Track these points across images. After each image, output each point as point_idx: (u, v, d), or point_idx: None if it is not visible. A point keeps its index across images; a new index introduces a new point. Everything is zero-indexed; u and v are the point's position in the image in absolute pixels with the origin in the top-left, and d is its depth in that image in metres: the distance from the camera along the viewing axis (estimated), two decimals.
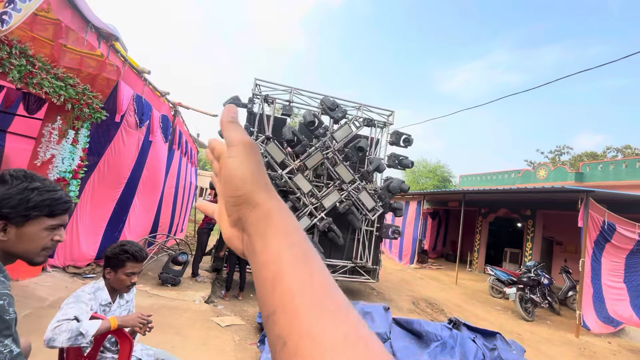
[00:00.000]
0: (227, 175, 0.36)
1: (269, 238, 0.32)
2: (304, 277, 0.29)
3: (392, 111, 7.26)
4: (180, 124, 8.01)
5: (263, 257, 0.31)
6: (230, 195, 0.36)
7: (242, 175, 0.35)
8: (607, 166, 12.65)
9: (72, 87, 3.93)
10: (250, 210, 0.34)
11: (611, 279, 7.05)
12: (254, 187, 0.35)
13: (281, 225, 0.33)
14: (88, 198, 4.91)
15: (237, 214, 0.36)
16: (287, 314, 0.27)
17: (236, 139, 0.36)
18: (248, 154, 0.36)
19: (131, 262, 1.85)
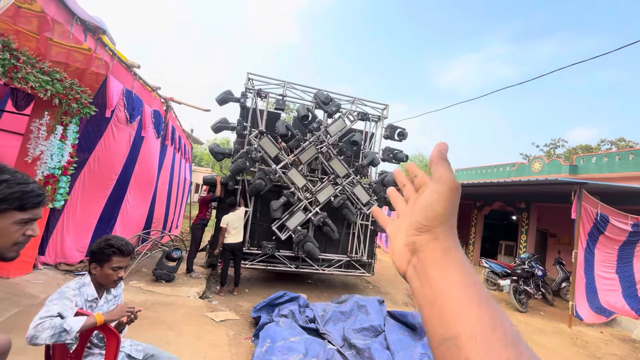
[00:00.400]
0: (425, 204, 0.39)
1: (449, 271, 0.35)
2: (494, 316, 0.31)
3: (387, 105, 7.23)
4: (173, 119, 7.93)
5: (440, 287, 0.34)
6: (419, 221, 0.39)
7: (438, 211, 0.38)
8: (600, 159, 12.74)
9: (59, 82, 3.86)
10: (430, 240, 0.38)
11: (604, 269, 7.12)
12: (443, 224, 0.38)
13: (461, 264, 0.36)
14: (78, 195, 4.86)
15: (415, 238, 0.39)
16: (477, 341, 0.29)
17: (446, 178, 0.39)
18: (451, 195, 0.39)
19: (117, 257, 1.80)
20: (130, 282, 5.13)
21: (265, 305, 4.41)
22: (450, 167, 0.41)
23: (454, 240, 0.38)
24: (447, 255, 0.36)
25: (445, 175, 0.39)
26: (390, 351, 3.43)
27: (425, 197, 0.40)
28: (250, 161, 5.86)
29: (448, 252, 0.37)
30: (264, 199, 6.28)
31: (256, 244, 6.27)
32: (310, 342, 3.59)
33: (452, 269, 0.35)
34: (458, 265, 0.36)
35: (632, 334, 6.31)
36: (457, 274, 0.35)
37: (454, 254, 0.37)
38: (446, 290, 0.34)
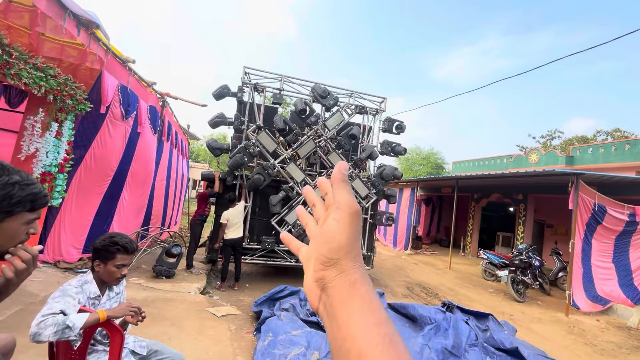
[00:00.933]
0: (327, 236, 0.38)
1: (354, 310, 0.33)
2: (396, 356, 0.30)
3: (384, 98, 7.20)
4: (169, 114, 7.86)
5: (347, 330, 0.33)
6: (324, 255, 0.37)
7: (340, 242, 0.37)
8: (596, 149, 12.81)
9: (53, 78, 3.79)
10: (336, 275, 0.36)
11: (600, 259, 7.21)
12: (347, 254, 0.37)
13: (367, 299, 0.34)
14: (74, 192, 4.81)
15: (322, 273, 0.37)
16: None
17: (345, 203, 0.38)
18: (352, 221, 0.37)
19: (121, 254, 1.81)
20: (130, 278, 5.12)
21: (266, 299, 4.43)
22: (350, 189, 0.40)
23: (360, 271, 0.37)
24: (353, 290, 0.35)
25: (345, 200, 0.38)
26: None
27: (328, 227, 0.38)
28: (248, 156, 5.83)
29: (354, 287, 0.35)
30: (263, 194, 6.27)
31: (256, 239, 6.28)
32: (312, 335, 3.62)
33: (357, 309, 0.33)
34: (364, 303, 0.34)
35: (628, 321, 6.42)
36: (362, 315, 0.33)
37: (359, 288, 0.35)
38: (351, 335, 0.32)
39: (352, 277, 0.36)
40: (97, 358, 1.83)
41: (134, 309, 1.78)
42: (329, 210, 0.40)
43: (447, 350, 3.29)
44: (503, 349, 3.36)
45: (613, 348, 5.06)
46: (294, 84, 6.69)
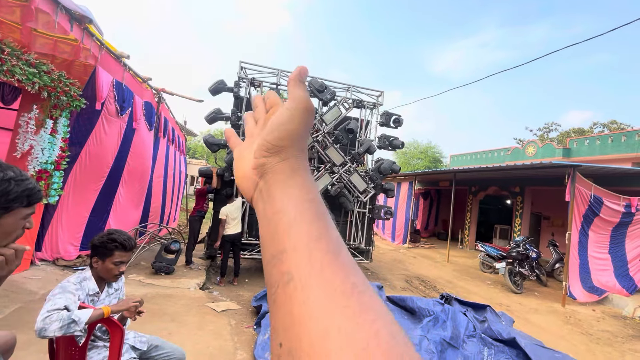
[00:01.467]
0: (276, 123, 0.37)
1: (291, 189, 0.33)
2: (321, 228, 0.30)
3: (382, 91, 7.17)
4: (165, 110, 7.81)
5: (280, 203, 0.33)
6: (269, 141, 0.36)
7: (290, 130, 0.36)
8: (593, 141, 12.85)
9: (46, 74, 3.75)
10: (279, 161, 0.36)
11: (597, 250, 7.28)
12: (294, 144, 0.36)
13: (305, 182, 0.35)
14: (71, 189, 4.79)
15: (264, 160, 0.36)
16: (298, 252, 0.28)
17: (301, 97, 0.38)
18: (305, 115, 0.37)
19: (119, 251, 1.81)
20: (129, 275, 5.13)
21: (265, 294, 4.44)
22: (306, 89, 0.40)
23: (304, 162, 0.37)
24: (294, 175, 0.35)
25: (301, 95, 0.38)
26: None
27: (277, 117, 0.38)
28: None
29: (296, 173, 0.35)
30: None
31: (254, 234, 6.28)
32: None
33: (295, 188, 0.34)
34: (302, 184, 0.34)
35: (623, 311, 6.50)
36: (298, 191, 0.33)
37: (301, 174, 0.35)
38: (284, 208, 0.32)
39: (295, 165, 0.36)
40: (98, 354, 1.84)
41: (135, 302, 1.79)
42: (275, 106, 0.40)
43: (446, 342, 3.32)
44: (501, 339, 3.40)
45: (609, 337, 5.13)
46: None
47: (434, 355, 3.13)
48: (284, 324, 0.26)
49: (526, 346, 3.14)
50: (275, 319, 0.28)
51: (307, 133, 0.38)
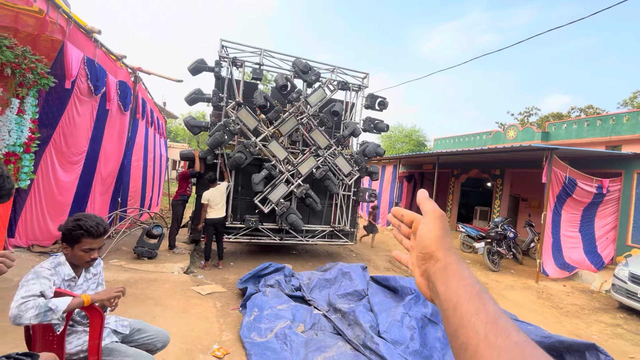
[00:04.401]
0: (420, 237, 0.49)
1: (449, 282, 0.43)
2: (478, 305, 0.38)
3: (367, 73, 7.09)
4: (143, 91, 7.48)
5: (445, 295, 0.42)
6: (420, 251, 0.49)
7: (431, 238, 0.48)
8: (570, 125, 13.25)
9: (8, 49, 3.49)
10: (434, 264, 0.46)
11: (569, 229, 7.64)
12: (438, 247, 0.47)
13: (458, 272, 0.43)
14: (48, 174, 4.58)
15: (424, 266, 0.48)
16: (466, 328, 0.37)
17: (432, 210, 0.50)
18: (438, 222, 0.49)
19: (87, 238, 1.69)
20: (110, 260, 5.03)
21: (251, 276, 4.46)
22: (433, 202, 0.51)
23: (452, 257, 0.46)
24: (447, 270, 0.44)
25: (431, 208, 0.50)
26: (373, 312, 3.60)
27: (419, 232, 0.49)
28: (228, 134, 5.67)
29: (448, 268, 0.44)
30: (245, 172, 6.17)
31: (239, 217, 6.24)
32: (297, 308, 3.70)
33: (451, 280, 0.43)
34: (455, 275, 0.43)
35: (591, 285, 6.92)
36: (455, 281, 0.42)
37: (452, 268, 0.44)
38: (448, 297, 0.41)
39: (446, 262, 0.45)
40: (77, 338, 1.80)
41: (118, 292, 1.74)
42: (415, 221, 0.52)
43: (427, 318, 3.45)
44: None
45: (577, 310, 5.47)
46: (274, 59, 6.46)
47: (415, 331, 3.25)
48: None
49: None
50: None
51: (445, 233, 0.48)
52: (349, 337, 3.26)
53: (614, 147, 11.17)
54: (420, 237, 0.49)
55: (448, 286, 0.42)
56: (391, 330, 3.26)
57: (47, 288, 1.57)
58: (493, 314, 0.37)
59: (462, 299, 0.39)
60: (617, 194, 8.19)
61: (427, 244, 0.47)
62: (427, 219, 0.49)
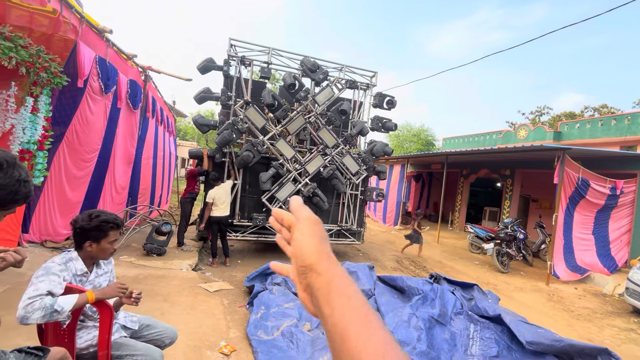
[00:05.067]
0: (297, 248, 0.44)
1: (334, 304, 0.38)
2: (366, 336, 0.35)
3: (375, 72, 7.04)
4: (153, 90, 7.57)
5: (331, 320, 0.38)
6: (300, 265, 0.44)
7: (308, 249, 0.43)
8: (584, 125, 12.97)
9: (23, 49, 3.55)
10: (316, 278, 0.41)
11: (581, 231, 7.49)
12: (318, 258, 0.42)
13: (343, 290, 0.40)
14: (61, 172, 4.67)
15: (305, 282, 0.43)
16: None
17: (305, 216, 0.46)
18: (313, 229, 0.45)
19: (113, 231, 1.82)
20: (120, 257, 5.11)
21: (258, 274, 4.48)
22: (308, 209, 0.48)
23: (333, 270, 0.41)
24: (330, 288, 0.40)
25: (304, 215, 0.46)
26: (380, 312, 3.58)
27: (295, 242, 0.45)
28: (236, 133, 5.70)
29: (330, 285, 0.40)
30: (253, 171, 6.20)
31: (247, 216, 6.27)
32: (303, 307, 3.70)
33: (336, 302, 0.38)
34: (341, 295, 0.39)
35: (604, 289, 6.77)
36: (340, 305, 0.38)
37: (335, 284, 0.40)
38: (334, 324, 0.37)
39: (329, 276, 0.40)
40: (87, 333, 1.83)
41: (123, 288, 1.78)
42: (293, 226, 0.47)
43: (434, 319, 3.42)
44: (486, 316, 3.51)
45: (589, 313, 5.36)
46: (283, 57, 6.46)
47: (422, 332, 3.23)
48: None
49: (510, 322, 3.24)
50: None
51: (323, 241, 0.44)
52: None
53: (629, 147, 10.90)
54: (298, 248, 0.44)
55: (334, 308, 0.38)
56: (398, 331, 3.24)
57: (56, 285, 1.59)
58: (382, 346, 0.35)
59: (350, 328, 0.36)
60: (632, 195, 7.99)
61: (306, 256, 0.43)
62: (303, 226, 0.45)
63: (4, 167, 0.94)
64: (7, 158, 0.96)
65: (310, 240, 0.44)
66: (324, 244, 0.44)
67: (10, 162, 0.97)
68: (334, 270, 0.42)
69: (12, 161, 0.98)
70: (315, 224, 0.45)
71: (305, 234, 0.44)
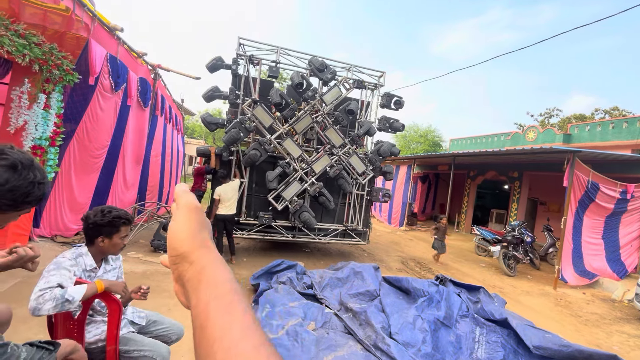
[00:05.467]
0: (170, 236, 0.41)
1: (200, 292, 0.36)
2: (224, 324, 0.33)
3: (383, 72, 7.01)
4: (162, 88, 7.63)
5: (195, 310, 0.36)
6: (170, 255, 0.40)
7: (181, 237, 0.40)
8: (594, 127, 12.75)
9: (37, 46, 3.62)
10: (187, 268, 0.39)
11: (591, 235, 7.37)
12: (191, 246, 0.39)
13: (211, 279, 0.37)
14: (70, 168, 4.74)
15: (177, 272, 0.40)
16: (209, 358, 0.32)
17: (184, 202, 0.43)
18: (189, 216, 0.41)
19: (125, 226, 1.87)
20: (128, 252, 5.17)
21: (263, 273, 4.50)
22: (191, 195, 0.44)
23: (207, 257, 0.39)
24: (201, 276, 0.37)
25: (184, 201, 0.43)
26: (385, 313, 3.57)
27: (169, 230, 0.42)
28: (244, 131, 5.73)
29: (202, 273, 0.37)
30: (260, 169, 6.22)
31: (253, 214, 6.30)
32: (308, 306, 3.71)
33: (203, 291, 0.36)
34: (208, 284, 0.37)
35: (613, 294, 6.66)
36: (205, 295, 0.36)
37: (207, 272, 0.38)
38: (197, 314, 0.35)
39: (200, 265, 0.38)
40: (96, 328, 1.86)
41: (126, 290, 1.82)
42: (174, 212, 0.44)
43: (439, 321, 3.40)
44: (493, 319, 3.48)
45: (597, 319, 5.28)
46: (291, 57, 6.47)
47: (427, 334, 3.21)
48: None
49: (517, 326, 3.21)
50: None
51: (200, 228, 0.41)
52: (360, 337, 3.25)
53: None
54: (171, 236, 0.41)
55: (199, 298, 0.36)
56: (403, 332, 3.23)
57: (67, 279, 1.62)
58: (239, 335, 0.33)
59: (211, 317, 0.34)
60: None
61: (177, 245, 0.39)
62: (179, 214, 0.41)
63: (19, 169, 0.95)
64: (22, 159, 0.97)
65: (183, 227, 0.40)
66: (201, 232, 0.41)
67: (26, 163, 0.98)
68: (207, 258, 0.39)
69: (27, 163, 0.98)
70: (193, 210, 0.42)
71: (180, 221, 0.41)
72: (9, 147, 0.99)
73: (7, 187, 0.93)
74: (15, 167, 0.95)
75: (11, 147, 0.99)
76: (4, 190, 0.93)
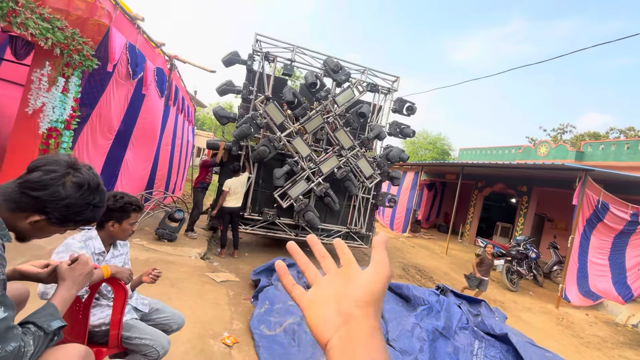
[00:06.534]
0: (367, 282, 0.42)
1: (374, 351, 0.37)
2: None
3: (398, 77, 6.98)
4: (177, 79, 7.71)
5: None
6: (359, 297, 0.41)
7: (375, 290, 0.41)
8: (608, 146, 12.54)
9: (60, 30, 3.68)
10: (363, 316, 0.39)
11: (597, 256, 7.25)
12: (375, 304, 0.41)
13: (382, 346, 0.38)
14: (83, 152, 4.81)
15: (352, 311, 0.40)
16: None
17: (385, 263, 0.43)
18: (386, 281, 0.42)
19: (135, 213, 1.89)
20: (133, 239, 5.23)
21: (264, 269, 4.52)
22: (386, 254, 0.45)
23: (377, 321, 0.40)
24: (374, 335, 0.38)
25: (385, 261, 0.43)
26: (384, 319, 3.56)
27: (367, 275, 0.42)
28: (254, 127, 5.76)
29: (375, 333, 0.38)
30: (267, 166, 6.25)
31: (257, 210, 6.33)
32: None
33: (375, 351, 0.37)
34: (381, 348, 0.37)
35: (617, 317, 6.54)
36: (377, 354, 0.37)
37: (378, 337, 0.38)
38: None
39: (375, 324, 0.39)
40: (101, 311, 1.89)
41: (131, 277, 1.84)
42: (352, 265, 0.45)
43: (438, 331, 3.37)
44: (493, 334, 3.45)
45: (599, 342, 5.19)
46: (306, 56, 6.48)
47: (425, 343, 3.19)
48: None
49: (517, 343, 3.17)
50: None
51: (383, 297, 0.42)
52: None
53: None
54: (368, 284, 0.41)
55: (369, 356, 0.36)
56: (400, 339, 3.22)
57: None
58: None
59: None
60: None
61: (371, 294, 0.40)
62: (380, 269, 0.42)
63: (83, 188, 0.98)
64: (90, 181, 1.00)
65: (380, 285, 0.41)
66: (383, 299, 0.42)
67: (93, 185, 1.00)
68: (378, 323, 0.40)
69: (94, 185, 1.01)
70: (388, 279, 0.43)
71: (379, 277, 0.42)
72: (87, 168, 1.02)
73: (66, 202, 0.95)
74: (81, 186, 0.98)
75: (89, 169, 1.03)
76: (62, 204, 0.95)
